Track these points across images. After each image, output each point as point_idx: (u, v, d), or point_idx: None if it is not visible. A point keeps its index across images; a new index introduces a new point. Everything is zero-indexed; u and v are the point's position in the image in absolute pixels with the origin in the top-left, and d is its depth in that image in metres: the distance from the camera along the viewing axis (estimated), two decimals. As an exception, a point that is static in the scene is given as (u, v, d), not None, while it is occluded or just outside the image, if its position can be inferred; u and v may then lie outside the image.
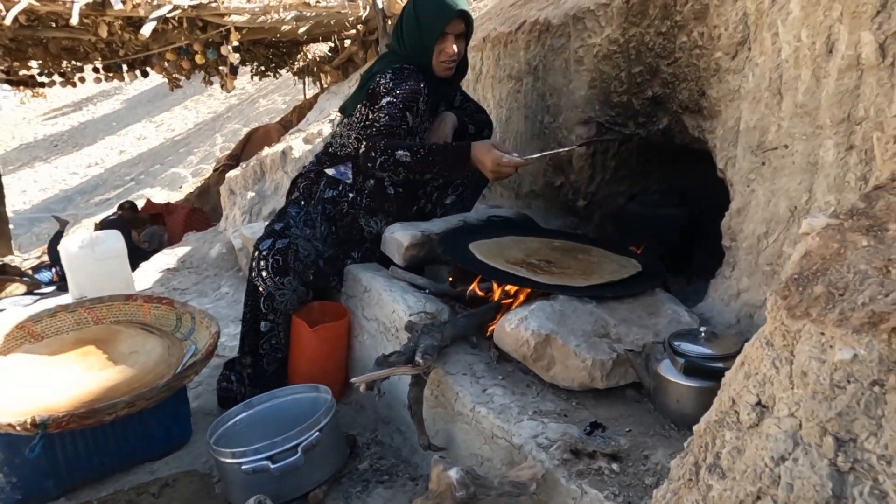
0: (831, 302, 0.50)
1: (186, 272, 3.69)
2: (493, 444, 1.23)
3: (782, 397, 0.51)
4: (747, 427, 0.53)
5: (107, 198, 10.90)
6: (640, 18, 1.67)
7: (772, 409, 0.52)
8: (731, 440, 0.54)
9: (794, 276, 0.55)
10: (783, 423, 0.50)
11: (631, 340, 1.33)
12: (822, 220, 0.59)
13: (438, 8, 1.80)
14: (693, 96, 1.57)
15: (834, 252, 0.54)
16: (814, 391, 0.48)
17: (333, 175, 1.95)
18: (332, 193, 1.94)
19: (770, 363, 0.53)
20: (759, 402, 0.53)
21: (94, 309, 1.90)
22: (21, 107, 17.59)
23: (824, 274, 0.53)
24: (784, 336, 0.52)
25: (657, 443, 1.13)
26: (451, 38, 1.83)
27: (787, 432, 0.49)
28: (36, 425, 1.37)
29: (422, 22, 1.81)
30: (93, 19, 4.17)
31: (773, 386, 0.52)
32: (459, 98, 2.08)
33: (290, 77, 7.22)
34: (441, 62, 1.85)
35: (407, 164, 1.71)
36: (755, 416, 0.53)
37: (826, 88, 1.17)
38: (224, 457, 1.43)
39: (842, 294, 0.50)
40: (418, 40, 1.83)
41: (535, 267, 1.54)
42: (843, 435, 0.46)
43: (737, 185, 1.42)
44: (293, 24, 4.70)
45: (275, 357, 1.84)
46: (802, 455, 0.47)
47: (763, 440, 0.51)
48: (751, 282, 1.35)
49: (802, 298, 0.52)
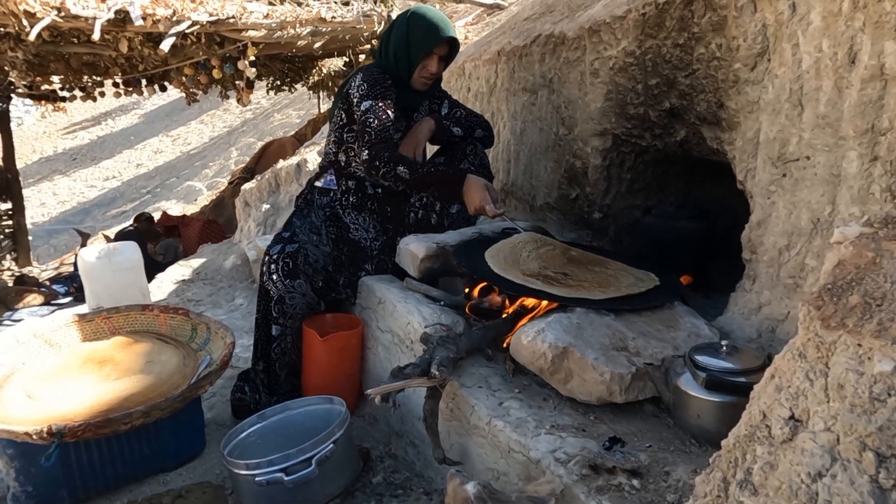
0: (868, 312, 0.49)
1: (201, 283, 3.71)
2: (510, 459, 1.21)
3: (817, 411, 0.49)
4: (780, 441, 0.51)
5: (123, 210, 11.05)
6: (657, 31, 1.67)
7: (806, 423, 0.50)
8: (763, 455, 0.52)
9: (827, 286, 0.53)
10: (819, 437, 0.48)
11: (650, 354, 1.31)
12: (856, 228, 0.58)
13: (431, 29, 1.90)
14: (711, 108, 1.56)
15: (869, 261, 0.52)
16: (852, 404, 0.46)
17: (322, 185, 2.03)
18: (326, 200, 2.01)
19: (803, 375, 0.51)
20: (792, 415, 0.51)
21: (111, 319, 1.92)
22: (42, 121, 17.96)
23: (859, 283, 0.51)
24: (818, 347, 0.51)
25: (678, 458, 1.10)
26: (436, 57, 1.95)
27: (824, 447, 0.47)
28: (52, 434, 1.37)
29: (412, 37, 1.91)
30: (114, 35, 4.25)
31: (807, 399, 0.50)
32: (448, 104, 2.14)
33: (304, 91, 7.30)
34: (422, 77, 1.96)
35: (406, 180, 1.81)
36: (788, 430, 0.51)
37: (848, 99, 1.15)
38: (238, 468, 1.42)
39: (879, 304, 0.49)
40: (405, 53, 1.92)
41: (551, 279, 1.53)
42: (885, 450, 0.44)
43: (757, 196, 1.40)
44: (309, 39, 4.75)
45: (285, 362, 1.85)
46: (841, 471, 0.46)
47: (798, 455, 0.49)
48: (772, 295, 1.33)
49: (837, 309, 0.51)
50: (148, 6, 4.18)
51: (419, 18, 1.93)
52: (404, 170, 1.79)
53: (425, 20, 1.92)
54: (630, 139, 1.94)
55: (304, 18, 4.57)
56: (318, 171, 2.09)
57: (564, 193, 2.26)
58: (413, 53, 1.92)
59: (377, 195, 2.01)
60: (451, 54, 2.00)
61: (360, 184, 2.00)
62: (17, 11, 3.80)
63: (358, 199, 1.99)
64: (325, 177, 2.02)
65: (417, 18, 1.93)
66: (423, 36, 1.90)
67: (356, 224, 1.98)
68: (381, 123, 1.83)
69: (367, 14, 4.78)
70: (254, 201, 4.33)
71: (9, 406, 1.48)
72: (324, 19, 4.64)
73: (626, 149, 2.02)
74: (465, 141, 2.08)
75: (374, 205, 2.01)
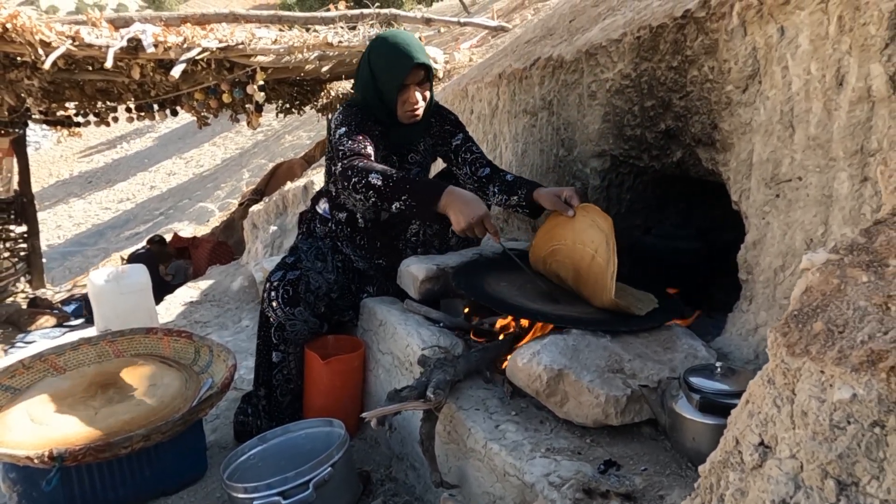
0: (831, 339, 0.49)
1: (209, 305, 3.75)
2: (506, 483, 1.21)
3: (784, 437, 0.49)
4: (750, 468, 0.51)
5: (136, 232, 11.19)
6: (652, 53, 1.69)
7: (774, 450, 0.50)
8: (735, 482, 0.52)
9: (794, 313, 0.54)
10: (784, 464, 0.48)
11: (646, 376, 1.30)
12: (823, 255, 0.58)
13: (393, 63, 1.73)
14: (706, 129, 1.57)
15: (834, 288, 0.53)
16: (814, 431, 0.47)
17: (321, 213, 1.99)
18: (324, 230, 1.97)
19: (772, 402, 0.51)
20: (761, 442, 0.51)
21: (116, 342, 1.94)
22: (58, 145, 18.31)
23: (824, 310, 0.52)
24: (785, 374, 0.51)
25: (673, 482, 1.10)
26: (411, 88, 1.77)
27: (789, 474, 0.47)
28: (53, 459, 1.39)
29: (378, 77, 1.76)
30: (126, 62, 4.36)
31: (775, 426, 0.51)
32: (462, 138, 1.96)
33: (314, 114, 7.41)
34: (406, 112, 1.80)
35: (378, 187, 1.56)
36: (758, 456, 0.51)
37: (838, 121, 1.16)
38: (236, 492, 1.42)
39: (841, 331, 0.49)
40: (374, 95, 1.78)
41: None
42: (845, 478, 0.44)
43: (752, 217, 1.41)
44: (316, 63, 4.84)
45: (287, 388, 1.85)
46: (804, 499, 0.46)
47: (765, 482, 0.49)
48: (769, 316, 1.33)
49: (802, 335, 0.51)
50: (159, 34, 4.30)
51: (379, 53, 1.75)
52: (377, 177, 1.56)
53: (385, 53, 1.74)
54: (628, 160, 1.96)
55: (312, 43, 4.66)
56: (317, 193, 2.06)
57: (565, 214, 2.27)
58: (384, 91, 1.76)
59: (367, 228, 1.94)
60: (429, 75, 1.80)
61: (350, 216, 1.94)
62: (34, 41, 3.92)
63: (350, 230, 1.95)
64: (322, 203, 2.00)
65: (377, 53, 1.76)
66: (389, 71, 1.73)
67: (355, 256, 1.96)
68: (355, 143, 1.67)
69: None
70: (261, 223, 4.38)
71: (13, 430, 1.50)
72: (330, 44, 4.73)
73: (625, 170, 2.03)
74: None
75: (363, 239, 1.95)
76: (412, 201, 1.55)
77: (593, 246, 1.56)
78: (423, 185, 1.58)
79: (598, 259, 1.53)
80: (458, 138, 1.95)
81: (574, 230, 1.64)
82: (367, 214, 1.92)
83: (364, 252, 1.96)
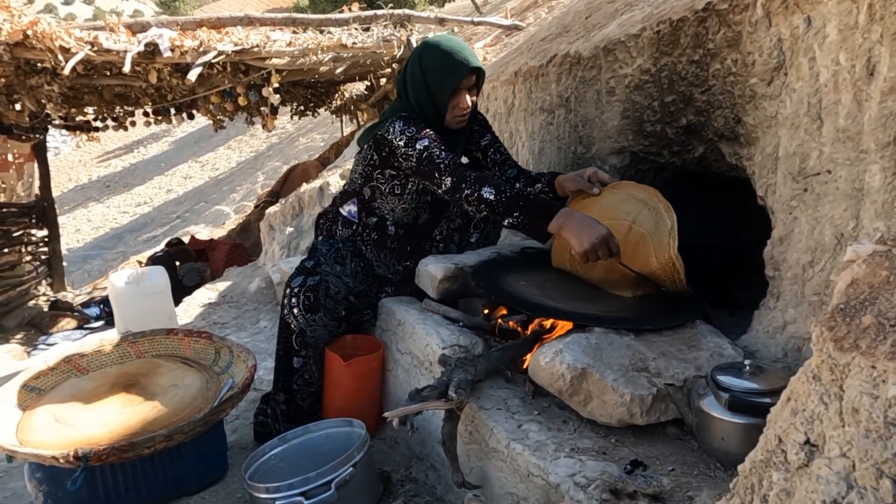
0: (882, 333, 0.47)
1: (227, 306, 3.77)
2: (529, 483, 1.19)
3: (832, 435, 0.48)
4: (796, 468, 0.49)
5: (154, 235, 11.32)
6: (672, 48, 1.66)
7: (822, 449, 0.48)
8: (779, 482, 0.50)
9: (839, 306, 0.52)
10: (835, 463, 0.46)
11: (671, 375, 1.28)
12: (869, 246, 0.56)
13: (449, 67, 1.72)
14: (729, 124, 1.55)
15: (883, 280, 0.51)
16: (867, 429, 0.45)
17: (346, 215, 1.96)
18: (347, 233, 1.95)
19: (818, 399, 0.49)
20: (807, 440, 0.49)
21: (137, 343, 1.95)
22: (77, 150, 18.59)
23: (873, 303, 0.50)
24: (832, 370, 0.49)
25: (702, 483, 1.07)
26: (463, 92, 1.77)
27: (840, 474, 0.46)
28: (78, 458, 1.39)
29: (430, 81, 1.74)
30: (144, 67, 4.40)
31: (822, 423, 0.49)
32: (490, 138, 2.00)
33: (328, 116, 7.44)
34: (456, 116, 1.80)
35: (490, 202, 1.57)
36: (804, 455, 0.49)
37: (868, 112, 1.13)
38: (258, 492, 1.42)
39: (893, 325, 0.47)
40: (427, 98, 1.77)
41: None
42: (902, 478, 0.43)
43: (778, 212, 1.38)
44: (331, 65, 4.86)
45: (308, 392, 1.85)
46: (857, 499, 0.44)
47: (813, 482, 0.47)
48: (797, 313, 1.30)
49: (850, 329, 0.49)
50: (176, 38, 4.34)
51: (432, 57, 1.73)
52: (490, 191, 1.56)
53: (439, 56, 1.72)
54: (648, 156, 1.93)
55: (326, 45, 4.67)
56: (343, 194, 2.01)
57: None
58: (437, 97, 1.75)
59: (398, 234, 1.93)
60: (479, 80, 1.83)
61: (380, 221, 1.93)
62: (53, 47, 3.97)
63: (378, 236, 1.93)
64: (349, 205, 1.96)
65: (430, 57, 1.74)
66: (443, 74, 1.72)
67: (378, 261, 1.95)
68: (447, 153, 1.67)
69: (387, 39, 4.88)
70: (278, 224, 4.40)
71: (38, 430, 1.52)
72: (345, 45, 4.74)
73: (645, 166, 2.01)
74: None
75: (393, 244, 1.94)
76: (525, 219, 1.54)
77: (629, 217, 1.52)
78: (538, 204, 1.55)
79: (636, 228, 1.50)
80: (486, 139, 1.98)
81: (602, 209, 1.61)
82: (399, 221, 1.91)
83: (393, 256, 1.94)
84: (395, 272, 1.97)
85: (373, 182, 1.89)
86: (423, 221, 1.98)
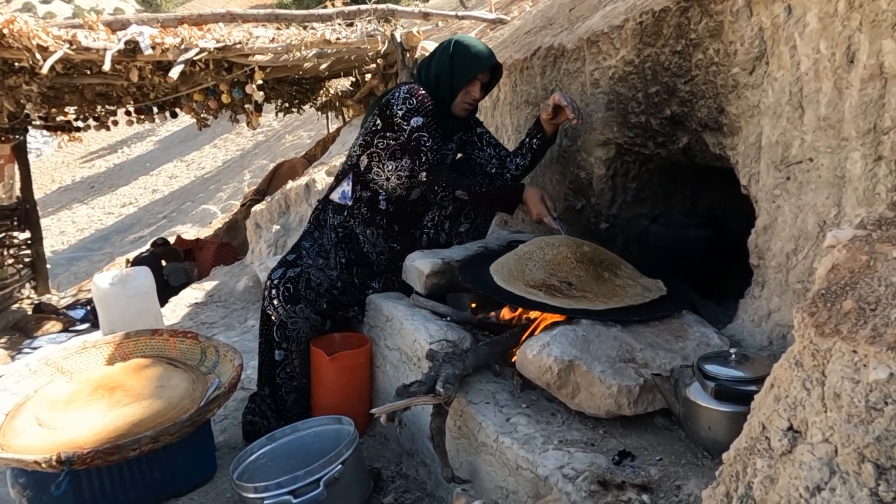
0: (862, 318, 0.47)
1: (214, 306, 3.74)
2: (518, 476, 1.19)
3: (815, 421, 0.47)
4: (779, 454, 0.49)
5: (140, 235, 11.18)
6: (655, 39, 1.66)
7: (804, 435, 0.48)
8: (763, 468, 0.50)
9: (821, 292, 0.52)
10: (817, 449, 0.46)
11: (658, 365, 1.28)
12: (849, 231, 0.56)
13: (476, 56, 1.92)
14: (712, 114, 1.55)
15: (863, 265, 0.51)
16: (849, 414, 0.45)
17: (337, 200, 2.01)
18: (339, 219, 1.99)
19: (800, 385, 0.49)
20: (790, 426, 0.49)
21: (122, 344, 1.93)
22: (60, 152, 18.33)
23: (853, 288, 0.50)
24: (814, 356, 0.49)
25: (689, 472, 1.08)
26: (478, 84, 1.95)
27: (822, 459, 0.45)
28: (61, 462, 1.37)
29: (457, 62, 1.92)
30: (124, 65, 4.33)
31: (804, 409, 0.49)
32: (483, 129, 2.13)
33: (314, 113, 7.38)
34: (464, 102, 1.96)
35: (465, 201, 1.87)
36: (787, 442, 0.49)
37: (849, 100, 1.13)
38: (246, 491, 1.41)
39: (873, 309, 0.47)
40: (448, 78, 1.93)
41: (554, 290, 1.50)
42: (884, 462, 0.42)
43: (762, 201, 1.38)
44: (315, 61, 4.80)
45: (291, 386, 1.84)
46: (840, 484, 0.44)
47: (797, 468, 0.47)
48: (781, 301, 1.30)
49: (831, 315, 0.49)
50: (156, 35, 4.27)
51: (463, 46, 1.95)
52: (463, 193, 1.84)
53: (470, 48, 1.94)
54: (633, 148, 1.93)
55: (309, 41, 4.62)
56: (336, 178, 2.06)
57: (570, 205, 2.25)
58: (457, 78, 1.92)
59: (388, 211, 1.98)
60: (491, 83, 2.02)
61: (373, 196, 1.98)
62: (31, 46, 3.89)
63: (369, 210, 1.97)
64: (341, 188, 2.01)
65: (462, 46, 1.95)
66: (469, 61, 1.92)
67: (364, 237, 1.97)
68: (435, 143, 1.86)
69: (371, 34, 4.83)
70: (264, 223, 4.37)
71: (21, 435, 1.49)
72: (328, 41, 4.69)
73: (630, 158, 2.01)
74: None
75: (383, 220, 1.98)
76: (497, 208, 1.97)
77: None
78: (505, 193, 1.90)
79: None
80: (481, 128, 2.14)
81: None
82: (392, 195, 1.99)
83: (381, 234, 1.98)
84: (382, 252, 1.97)
85: (372, 148, 1.97)
86: (416, 197, 2.02)
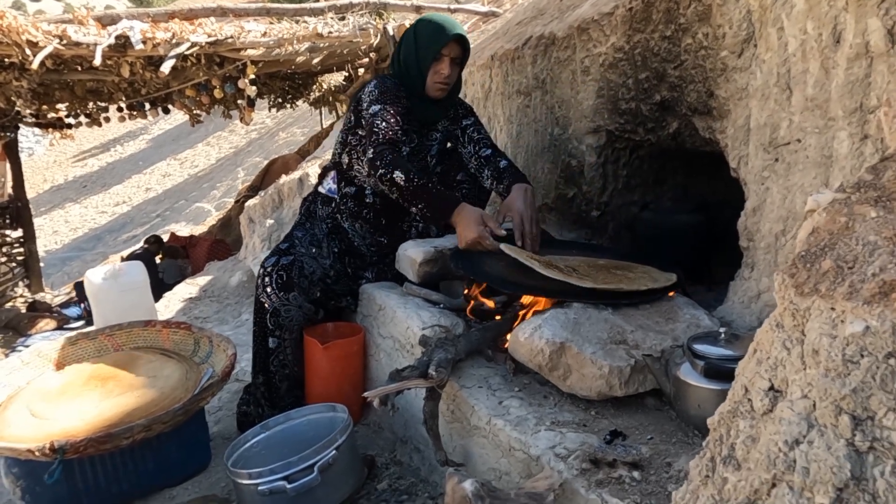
0: (840, 276, 0.47)
1: (208, 301, 3.73)
2: (511, 458, 1.20)
3: (795, 379, 0.48)
4: (761, 414, 0.50)
5: (134, 234, 11.14)
6: (644, 24, 1.67)
7: (785, 393, 0.49)
8: (745, 429, 0.51)
9: (801, 254, 0.52)
10: (796, 405, 0.47)
11: (649, 346, 1.29)
12: (829, 195, 0.56)
13: (436, 31, 1.86)
14: (701, 98, 1.55)
15: (842, 226, 0.51)
16: (826, 368, 0.45)
17: (325, 193, 2.01)
18: (327, 211, 1.99)
19: (781, 345, 0.50)
20: (771, 386, 0.50)
21: (114, 336, 1.93)
22: (52, 151, 18.22)
23: (832, 248, 0.50)
24: (794, 315, 0.50)
25: (680, 450, 1.09)
26: (446, 60, 1.87)
27: (801, 414, 0.46)
28: (54, 451, 1.37)
29: (419, 43, 1.87)
30: (115, 60, 4.30)
31: (785, 369, 0.49)
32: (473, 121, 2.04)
33: (308, 110, 7.36)
34: (435, 83, 1.89)
35: (400, 187, 1.69)
36: (768, 401, 0.50)
37: (836, 79, 1.14)
38: (240, 478, 1.41)
39: (851, 267, 0.47)
40: (415, 61, 1.88)
41: (556, 269, 1.48)
42: (860, 413, 0.43)
43: (751, 183, 1.39)
44: (307, 55, 4.79)
45: (284, 374, 1.84)
46: (818, 437, 0.44)
47: (776, 425, 0.48)
48: (771, 282, 1.31)
49: (810, 275, 0.49)
50: (147, 30, 4.24)
51: (425, 23, 1.90)
52: (401, 176, 1.68)
53: (431, 23, 1.89)
54: (624, 135, 1.94)
55: (301, 35, 4.61)
56: (322, 171, 2.07)
57: (562, 193, 2.26)
58: (422, 58, 1.87)
59: (375, 204, 1.96)
60: (464, 57, 1.94)
61: (359, 191, 1.96)
62: (20, 41, 3.86)
63: (356, 205, 1.96)
64: (327, 181, 2.01)
65: (423, 23, 1.91)
66: (430, 38, 1.86)
67: (353, 231, 1.97)
68: (388, 126, 1.78)
69: (363, 28, 4.82)
70: (258, 217, 4.36)
71: (13, 425, 1.49)
72: (321, 35, 4.67)
73: (621, 145, 2.02)
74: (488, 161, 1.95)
75: (370, 214, 1.96)
76: (428, 211, 1.71)
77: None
78: (441, 198, 1.69)
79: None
80: (469, 120, 2.05)
81: None
82: (376, 189, 1.95)
83: (368, 227, 1.96)
84: (371, 245, 1.97)
85: (348, 147, 1.95)
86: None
